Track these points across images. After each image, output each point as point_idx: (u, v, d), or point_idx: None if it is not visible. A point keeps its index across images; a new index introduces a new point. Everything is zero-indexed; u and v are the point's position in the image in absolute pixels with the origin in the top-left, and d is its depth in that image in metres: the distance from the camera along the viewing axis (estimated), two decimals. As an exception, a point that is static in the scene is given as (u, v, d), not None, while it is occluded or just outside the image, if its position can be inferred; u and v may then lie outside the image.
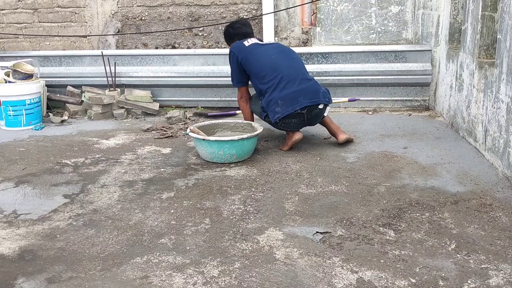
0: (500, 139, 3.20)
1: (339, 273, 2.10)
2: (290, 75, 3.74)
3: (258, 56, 3.85)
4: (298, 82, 3.73)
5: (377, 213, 2.68)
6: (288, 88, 3.69)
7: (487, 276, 2.06)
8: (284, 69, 3.75)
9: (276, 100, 3.69)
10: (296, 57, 3.96)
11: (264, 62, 3.82)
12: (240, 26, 4.18)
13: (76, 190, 3.11)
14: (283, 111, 3.66)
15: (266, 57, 3.84)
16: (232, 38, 4.15)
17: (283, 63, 3.80)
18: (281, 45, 4.14)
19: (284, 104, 3.66)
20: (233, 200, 2.90)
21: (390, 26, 5.32)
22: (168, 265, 2.20)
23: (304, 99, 3.66)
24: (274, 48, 3.98)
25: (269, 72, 3.76)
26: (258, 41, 4.05)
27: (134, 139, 4.24)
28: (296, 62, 3.89)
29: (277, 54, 3.87)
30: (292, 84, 3.71)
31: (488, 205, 2.74)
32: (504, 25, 3.17)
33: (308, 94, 3.69)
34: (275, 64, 3.78)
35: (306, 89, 3.71)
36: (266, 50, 3.90)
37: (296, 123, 3.73)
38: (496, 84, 3.29)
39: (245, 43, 3.95)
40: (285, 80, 3.71)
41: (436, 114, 4.82)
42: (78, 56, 5.43)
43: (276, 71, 3.75)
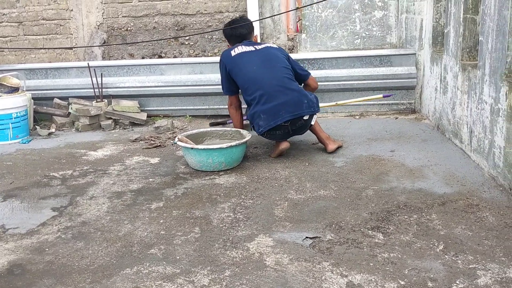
0: (485, 139, 3.24)
1: (329, 277, 2.11)
2: (271, 88, 3.69)
3: (241, 67, 3.81)
4: (280, 95, 3.67)
5: (366, 216, 2.70)
6: (269, 102, 3.67)
7: (476, 276, 2.08)
8: (266, 82, 3.70)
9: (259, 113, 3.71)
10: (280, 65, 3.82)
11: (246, 74, 3.79)
12: (237, 27, 4.05)
13: (64, 202, 3.10)
14: (266, 125, 3.70)
15: (249, 69, 3.79)
16: (228, 39, 4.12)
17: (265, 74, 3.74)
18: (267, 51, 3.91)
19: (266, 118, 3.69)
20: (222, 208, 2.91)
21: (375, 31, 5.38)
22: (158, 275, 2.19)
23: (285, 113, 3.64)
24: (259, 56, 3.84)
25: (251, 85, 3.75)
26: (248, 46, 3.91)
27: (122, 149, 4.23)
28: (279, 72, 3.77)
29: (259, 65, 3.78)
30: (273, 98, 3.67)
31: (475, 205, 2.77)
32: (486, 27, 3.22)
33: (289, 107, 3.65)
34: (256, 77, 3.74)
35: (288, 101, 3.66)
36: (250, 61, 3.82)
37: (281, 134, 3.75)
38: (480, 85, 3.33)
39: (232, 52, 3.89)
40: (267, 93, 3.68)
41: (422, 117, 4.86)
42: (64, 68, 5.42)
43: (257, 84, 3.72)
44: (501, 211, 2.68)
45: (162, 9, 5.69)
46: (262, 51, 3.89)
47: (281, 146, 3.76)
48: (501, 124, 2.97)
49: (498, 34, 3.01)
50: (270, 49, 3.93)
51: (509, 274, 2.08)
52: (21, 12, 5.93)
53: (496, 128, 3.04)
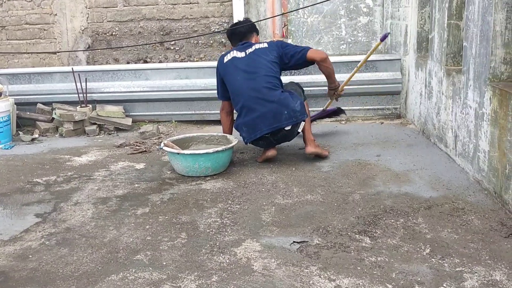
0: (470, 144, 3.27)
1: (316, 282, 2.11)
2: (250, 100, 3.67)
3: (230, 76, 3.81)
4: (258, 107, 3.63)
5: (353, 220, 2.70)
6: (249, 115, 3.68)
7: (462, 279, 2.09)
8: (245, 94, 3.69)
9: (241, 126, 3.76)
10: (262, 73, 3.71)
11: (232, 85, 3.80)
12: (238, 27, 4.02)
13: (48, 209, 3.05)
14: (248, 137, 3.75)
15: (234, 80, 3.78)
16: (229, 39, 4.11)
17: (245, 86, 3.70)
18: (253, 58, 3.80)
19: (247, 130, 3.73)
20: (209, 213, 2.89)
21: (360, 36, 5.42)
22: (144, 281, 2.16)
23: (264, 126, 3.63)
24: (244, 64, 3.77)
25: (235, 97, 3.78)
26: (240, 52, 3.84)
27: (107, 155, 4.19)
28: (259, 82, 3.68)
29: (242, 75, 3.74)
30: (252, 111, 3.66)
31: (460, 209, 2.79)
32: (469, 33, 3.26)
33: (267, 119, 3.62)
34: (238, 89, 3.74)
35: (266, 114, 3.62)
36: (236, 69, 3.78)
37: (265, 144, 3.76)
38: (464, 90, 3.37)
39: (225, 58, 3.88)
40: (246, 106, 3.69)
41: (407, 122, 4.90)
42: (48, 73, 5.36)
43: (239, 95, 3.73)
44: (486, 214, 2.70)
45: (147, 14, 5.67)
46: (249, 57, 3.81)
47: (268, 153, 3.76)
48: (485, 129, 3.00)
49: (482, 40, 3.04)
50: (256, 54, 3.81)
51: (495, 277, 2.09)
52: (4, 17, 5.86)
53: (481, 132, 3.07)
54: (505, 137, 2.71)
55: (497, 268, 2.16)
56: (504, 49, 2.90)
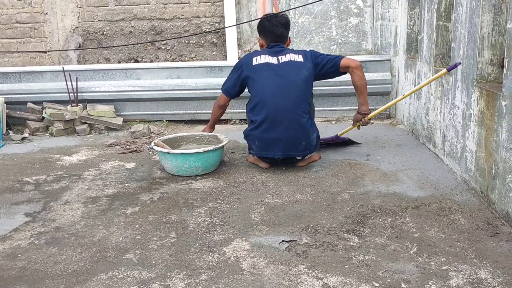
0: (458, 144, 3.31)
1: (304, 280, 2.13)
2: (276, 119, 3.45)
3: (256, 83, 3.55)
4: (282, 129, 3.45)
5: (341, 220, 2.72)
6: (268, 133, 3.48)
7: (448, 277, 2.12)
8: (273, 109, 3.45)
9: (254, 139, 3.57)
10: (295, 94, 3.48)
11: (257, 93, 3.54)
12: (278, 25, 3.63)
13: (37, 208, 3.04)
14: (257, 152, 3.60)
15: (261, 88, 3.52)
16: (261, 32, 3.71)
17: (275, 101, 3.45)
18: (288, 71, 3.52)
19: (259, 146, 3.56)
20: (199, 212, 2.90)
21: (350, 37, 5.45)
22: (134, 280, 2.17)
23: (278, 150, 3.50)
24: (276, 75, 3.51)
25: (258, 107, 3.52)
26: (272, 57, 3.57)
27: (98, 154, 4.18)
28: (291, 103, 3.46)
29: (273, 88, 3.48)
30: (274, 130, 3.46)
31: (447, 208, 2.83)
32: (457, 34, 3.30)
33: (285, 146, 3.48)
34: (266, 101, 3.48)
35: (286, 139, 3.47)
36: (266, 79, 3.52)
37: (270, 161, 3.65)
38: (452, 91, 3.40)
39: (253, 60, 3.59)
40: (269, 122, 3.46)
41: (397, 122, 4.94)
42: (38, 72, 5.34)
43: (264, 108, 3.47)
44: (473, 214, 2.74)
45: (138, 14, 5.66)
46: (282, 68, 3.53)
47: (261, 165, 3.68)
48: (472, 129, 3.04)
49: (469, 41, 3.08)
50: (291, 68, 3.53)
51: (480, 275, 2.12)
52: (-6, 15, 5.83)
53: (468, 132, 3.11)
54: (492, 137, 2.74)
55: (482, 266, 2.19)
56: (491, 51, 2.93)
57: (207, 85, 5.13)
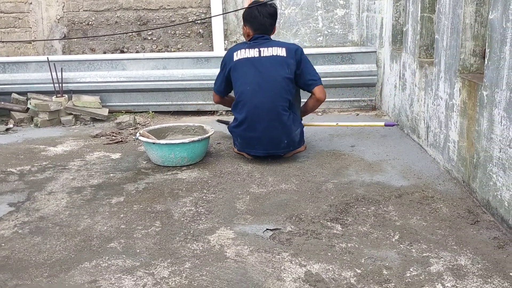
0: (441, 134, 3.35)
1: (288, 267, 2.15)
2: (256, 117, 3.43)
3: (237, 79, 3.52)
4: (261, 128, 3.44)
5: (325, 208, 2.75)
6: (249, 131, 3.48)
7: (428, 263, 2.15)
8: (252, 108, 3.43)
9: (237, 136, 3.60)
10: (276, 91, 3.43)
11: (238, 91, 3.52)
12: (267, 15, 3.56)
13: (22, 198, 3.03)
14: (240, 148, 3.64)
15: (242, 86, 3.49)
16: (248, 21, 3.61)
17: (256, 99, 3.42)
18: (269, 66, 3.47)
19: (242, 143, 3.58)
20: (184, 202, 2.91)
21: (336, 28, 5.46)
22: (118, 269, 2.18)
23: (259, 148, 3.51)
24: (258, 71, 3.46)
25: (239, 105, 3.51)
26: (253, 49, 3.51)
27: (83, 145, 4.17)
28: (271, 100, 3.41)
29: (254, 85, 3.44)
30: (254, 128, 3.45)
31: (430, 197, 2.87)
32: (441, 26, 3.33)
33: (266, 144, 3.48)
34: (246, 99, 3.46)
35: (267, 138, 3.46)
36: (246, 75, 3.48)
37: (255, 156, 3.63)
38: (436, 82, 3.44)
39: (235, 55, 3.54)
40: (250, 121, 3.46)
41: (382, 113, 4.98)
42: (23, 62, 5.29)
43: (245, 106, 3.46)
44: (455, 202, 2.78)
45: (124, 4, 5.62)
46: (263, 64, 3.47)
47: (247, 156, 3.67)
48: (455, 119, 3.07)
49: (452, 32, 3.11)
50: (273, 64, 3.46)
51: (460, 262, 2.16)
52: (-23, 5, 5.75)
53: (451, 123, 3.15)
54: (473, 127, 2.78)
55: (462, 253, 2.23)
56: (473, 42, 2.97)
57: (194, 76, 5.12)
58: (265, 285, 2.02)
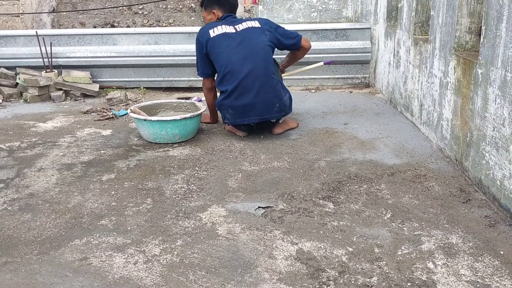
0: (434, 112, 3.33)
1: (279, 245, 2.14)
2: (247, 85, 3.44)
3: (220, 53, 3.51)
4: (254, 93, 3.45)
5: (318, 186, 2.74)
6: (241, 99, 3.47)
7: (420, 242, 2.16)
8: (243, 76, 3.44)
9: (227, 107, 3.53)
10: (261, 57, 3.50)
11: (223, 63, 3.50)
12: None
13: (11, 174, 2.99)
14: (232, 120, 3.57)
15: (226, 58, 3.49)
16: (218, 3, 3.67)
17: (244, 67, 3.45)
18: (249, 37, 3.54)
19: (234, 114, 3.53)
20: (176, 179, 2.88)
21: (331, 4, 5.38)
22: (108, 246, 2.16)
23: (254, 115, 3.49)
24: (239, 43, 3.50)
25: (227, 77, 3.49)
26: (229, 26, 3.57)
27: (73, 121, 4.11)
28: (259, 66, 3.47)
29: (239, 55, 3.47)
30: (246, 96, 3.45)
31: (422, 175, 2.86)
32: (437, 2, 3.28)
33: (260, 109, 3.48)
34: (233, 69, 3.46)
35: (259, 103, 3.47)
36: (229, 48, 3.50)
37: (246, 128, 3.63)
38: (430, 59, 3.41)
39: (211, 32, 3.54)
40: (241, 89, 3.45)
41: (376, 91, 4.95)
42: (11, 36, 5.18)
43: (233, 76, 3.46)
44: (447, 181, 2.78)
45: (115, -23, 5.50)
46: (243, 35, 3.53)
47: (239, 133, 3.66)
48: (449, 97, 3.05)
49: (448, 9, 3.07)
50: (252, 34, 3.55)
51: (451, 240, 2.16)
52: (-38, -24, 5.61)
53: (445, 101, 3.13)
54: (467, 105, 2.76)
55: (454, 231, 2.24)
56: (469, 18, 2.93)
57: (186, 52, 5.05)
58: (256, 262, 2.01)
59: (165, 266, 2.01)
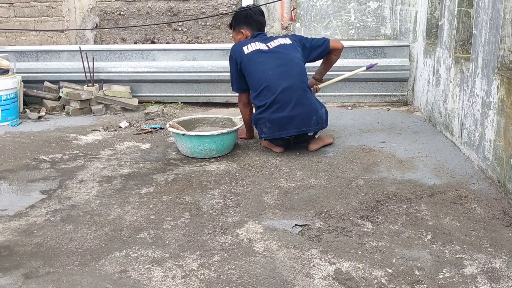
0: (476, 132, 3.26)
1: (317, 264, 2.12)
2: (284, 98, 3.49)
3: (255, 69, 3.57)
4: (292, 107, 3.48)
5: (355, 205, 2.71)
6: (279, 112, 3.49)
7: (462, 265, 2.10)
8: (280, 90, 3.48)
9: (265, 121, 3.55)
10: (296, 72, 3.58)
11: (259, 78, 3.55)
12: (260, 14, 3.81)
13: (53, 186, 3.08)
14: (269, 134, 3.57)
15: (262, 74, 3.54)
16: (246, 23, 3.76)
17: (280, 81, 3.50)
18: (282, 54, 3.62)
19: (271, 127, 3.54)
20: (212, 194, 2.90)
21: (369, 21, 5.37)
22: (147, 259, 2.19)
23: (292, 128, 3.50)
24: (274, 59, 3.58)
25: (263, 91, 3.54)
26: (261, 43, 3.65)
27: (113, 135, 4.21)
28: (295, 82, 3.53)
29: (275, 69, 3.54)
30: (284, 108, 3.49)
31: (463, 197, 2.79)
32: (479, 20, 3.23)
33: (298, 122, 3.50)
34: (270, 83, 3.51)
35: (298, 116, 3.49)
36: (264, 63, 3.56)
37: (283, 143, 3.64)
38: (472, 78, 3.34)
39: (244, 49, 3.62)
40: (278, 102, 3.49)
41: (414, 109, 4.88)
42: (55, 51, 5.36)
43: (270, 90, 3.51)
44: (489, 203, 2.70)
45: (155, -6, 5.64)
46: (276, 51, 3.62)
47: (275, 149, 3.66)
48: (492, 117, 2.99)
49: (491, 27, 3.01)
50: (285, 49, 3.64)
51: (495, 264, 2.10)
52: (12, -7, 5.85)
53: (487, 121, 3.06)
54: (511, 126, 2.69)
55: (497, 256, 2.17)
56: (513, 38, 2.87)
57: (223, 68, 5.10)
58: (294, 281, 2.00)
59: (202, 282, 2.01)
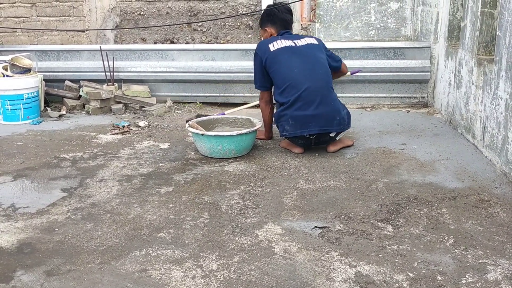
0: (499, 135, 3.21)
1: (337, 267, 2.11)
2: (308, 96, 3.49)
3: (280, 66, 3.58)
4: (316, 105, 3.48)
5: (376, 208, 2.68)
6: (303, 110, 3.49)
7: (485, 271, 2.07)
8: (304, 88, 3.49)
9: (288, 118, 3.54)
10: (322, 71, 3.60)
11: (285, 75, 3.56)
12: (286, 11, 3.81)
13: (74, 184, 3.11)
14: (291, 131, 3.56)
15: (288, 70, 3.55)
16: (269, 20, 3.80)
17: (306, 80, 3.51)
18: (309, 52, 3.65)
19: (294, 125, 3.53)
20: (231, 195, 2.90)
21: (389, 22, 5.32)
22: (167, 259, 2.20)
23: (314, 126, 3.49)
24: (300, 57, 3.59)
25: (288, 88, 3.54)
26: (287, 40, 3.67)
27: (132, 134, 4.23)
28: (320, 80, 3.55)
29: (301, 67, 3.55)
30: (308, 106, 3.49)
31: (486, 201, 2.75)
32: (504, 22, 3.17)
33: (321, 121, 3.49)
34: (296, 81, 3.52)
35: (321, 115, 3.49)
36: (290, 60, 3.58)
37: (303, 143, 3.62)
38: (495, 80, 3.29)
39: (270, 46, 3.63)
40: (303, 100, 3.49)
41: (434, 111, 4.82)
42: (76, 50, 5.42)
43: (295, 88, 3.51)
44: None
45: (175, -5, 5.66)
46: (303, 50, 3.63)
47: (294, 150, 3.65)
48: (515, 120, 2.93)
49: (516, 29, 2.96)
50: (311, 49, 3.67)
51: (519, 271, 2.06)
52: (34, -7, 5.93)
53: (510, 124, 3.01)
54: (536, 129, 2.64)
55: (522, 262, 2.13)
56: (539, 39, 2.81)
57: (242, 68, 5.11)
58: (314, 284, 1.99)
59: (222, 282, 2.01)
